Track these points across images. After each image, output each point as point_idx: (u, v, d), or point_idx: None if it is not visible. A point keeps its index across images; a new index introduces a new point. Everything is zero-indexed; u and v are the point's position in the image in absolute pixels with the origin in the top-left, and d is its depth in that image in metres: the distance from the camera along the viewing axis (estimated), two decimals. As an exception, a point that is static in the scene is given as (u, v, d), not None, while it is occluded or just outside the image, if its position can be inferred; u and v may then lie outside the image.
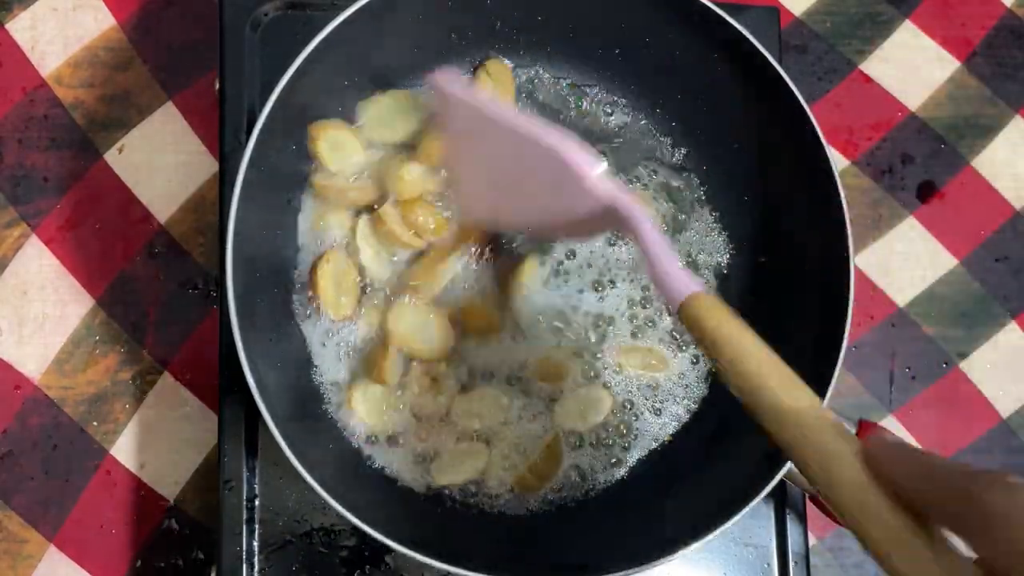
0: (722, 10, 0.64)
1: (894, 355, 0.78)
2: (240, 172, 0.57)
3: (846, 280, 0.62)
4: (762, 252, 0.71)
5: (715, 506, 0.60)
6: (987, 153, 0.82)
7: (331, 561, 0.66)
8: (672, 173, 0.72)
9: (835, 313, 0.62)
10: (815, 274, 0.66)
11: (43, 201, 0.73)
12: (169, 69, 0.75)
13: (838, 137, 0.81)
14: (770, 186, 0.70)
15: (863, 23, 0.83)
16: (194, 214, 0.74)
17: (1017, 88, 0.83)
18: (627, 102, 0.73)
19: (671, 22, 0.66)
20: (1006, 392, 0.78)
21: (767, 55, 0.64)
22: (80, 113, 0.74)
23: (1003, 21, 0.84)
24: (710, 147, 0.72)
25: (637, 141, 0.73)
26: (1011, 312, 0.79)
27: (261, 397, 0.56)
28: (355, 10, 0.60)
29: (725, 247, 0.72)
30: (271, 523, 0.66)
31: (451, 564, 0.56)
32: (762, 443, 0.63)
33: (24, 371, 0.71)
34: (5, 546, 0.69)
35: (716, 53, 0.67)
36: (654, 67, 0.70)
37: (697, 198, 0.72)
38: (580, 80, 0.72)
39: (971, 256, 0.80)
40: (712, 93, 0.70)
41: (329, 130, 0.65)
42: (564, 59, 0.72)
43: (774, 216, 0.70)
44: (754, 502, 0.59)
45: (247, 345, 0.57)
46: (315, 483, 0.56)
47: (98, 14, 0.76)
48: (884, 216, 0.80)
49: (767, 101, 0.66)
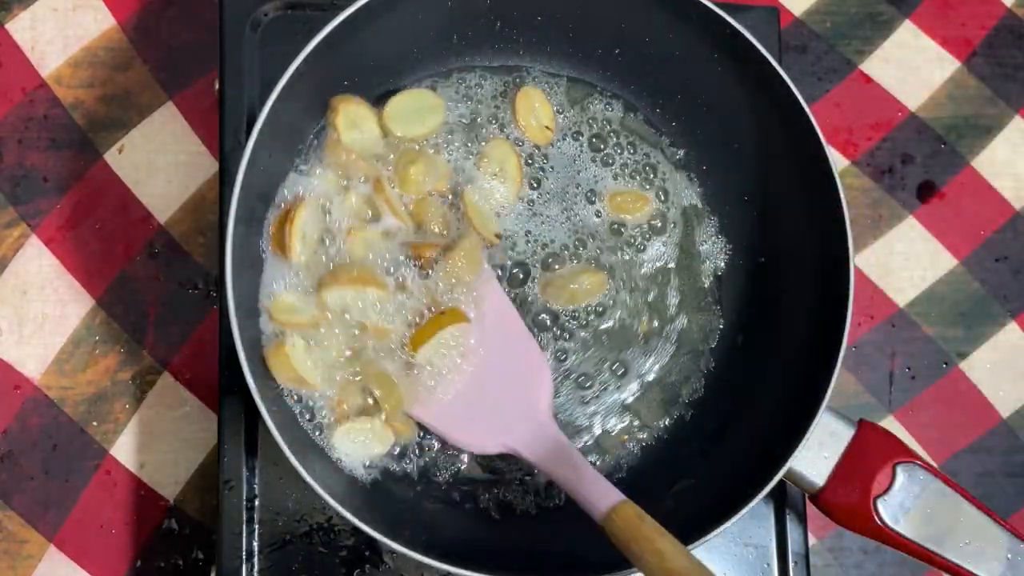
0: (722, 10, 0.64)
1: (894, 355, 0.78)
2: (240, 172, 0.57)
3: (846, 281, 0.62)
4: (761, 253, 0.71)
5: (714, 506, 0.60)
6: (987, 153, 0.82)
7: (331, 561, 0.66)
8: (671, 173, 0.72)
9: (834, 315, 0.62)
10: (814, 275, 0.66)
11: (43, 201, 0.73)
12: (169, 69, 0.75)
13: (838, 137, 0.81)
14: (770, 187, 0.70)
15: (863, 23, 0.83)
16: (194, 214, 0.74)
17: (1017, 88, 0.83)
18: (626, 102, 0.73)
19: (671, 22, 0.66)
20: (1006, 392, 0.78)
21: (767, 54, 0.64)
22: (80, 113, 0.74)
23: (1003, 21, 0.84)
24: (710, 148, 0.72)
25: (635, 142, 0.73)
26: (1011, 312, 0.79)
27: (261, 397, 0.56)
28: (355, 9, 0.60)
29: (724, 248, 0.72)
30: (271, 523, 0.66)
31: (449, 564, 0.56)
32: (762, 443, 0.64)
33: (24, 371, 0.71)
34: (5, 546, 0.69)
35: (716, 53, 0.67)
36: (654, 67, 0.70)
37: (695, 199, 0.72)
38: (579, 79, 0.72)
39: (971, 256, 0.80)
40: (712, 93, 0.70)
41: (351, 105, 0.65)
42: (563, 59, 0.72)
43: (774, 217, 0.70)
44: (753, 503, 0.59)
45: (247, 346, 0.57)
46: (314, 483, 0.56)
47: (98, 14, 0.76)
48: (884, 216, 0.80)
49: (767, 101, 0.66)
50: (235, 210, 0.56)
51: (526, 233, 0.69)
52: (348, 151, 0.64)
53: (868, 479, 0.61)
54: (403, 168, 0.65)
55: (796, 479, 0.62)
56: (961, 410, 0.78)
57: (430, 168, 0.66)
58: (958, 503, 0.61)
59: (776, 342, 0.68)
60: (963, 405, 0.78)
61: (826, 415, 0.61)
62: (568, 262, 0.69)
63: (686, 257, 0.71)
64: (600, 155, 0.72)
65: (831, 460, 0.61)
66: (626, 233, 0.71)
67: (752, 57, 0.64)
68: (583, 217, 0.70)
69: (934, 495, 0.61)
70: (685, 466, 0.68)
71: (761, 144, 0.69)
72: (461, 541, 0.64)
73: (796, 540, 0.68)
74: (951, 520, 0.60)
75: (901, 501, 0.61)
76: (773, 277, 0.70)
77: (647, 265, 0.71)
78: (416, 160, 0.65)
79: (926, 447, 0.76)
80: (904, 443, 0.62)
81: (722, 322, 0.71)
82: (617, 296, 0.70)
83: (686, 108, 0.72)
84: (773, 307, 0.69)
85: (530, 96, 0.70)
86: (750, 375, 0.69)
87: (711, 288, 0.71)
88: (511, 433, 0.63)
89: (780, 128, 0.66)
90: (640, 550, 0.54)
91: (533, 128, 0.70)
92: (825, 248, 0.64)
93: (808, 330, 0.65)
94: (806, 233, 0.67)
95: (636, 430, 0.69)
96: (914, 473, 0.61)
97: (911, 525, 0.60)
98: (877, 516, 0.60)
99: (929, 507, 0.60)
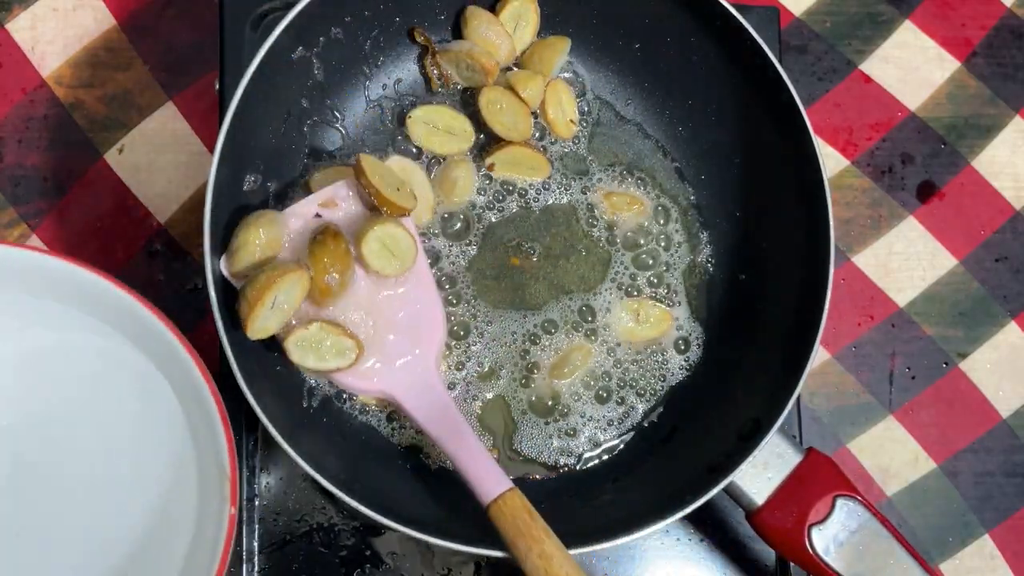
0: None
1: (894, 355, 0.78)
2: (212, 168, 0.58)
3: (820, 309, 0.62)
4: (743, 269, 0.71)
5: (650, 507, 0.60)
6: (987, 153, 0.82)
7: (331, 561, 0.66)
8: (667, 178, 0.73)
9: (803, 340, 0.62)
10: (791, 297, 0.66)
11: (43, 201, 0.73)
12: (169, 69, 0.75)
13: (838, 137, 0.81)
14: (762, 198, 0.70)
15: (863, 23, 0.83)
16: (194, 214, 0.74)
17: (1017, 88, 0.83)
18: (637, 101, 0.73)
19: (673, 14, 0.67)
20: (1006, 392, 0.78)
21: (769, 52, 0.64)
22: (80, 113, 0.74)
23: (1003, 21, 0.84)
24: (709, 158, 0.72)
25: (632, 142, 0.73)
26: (1011, 312, 0.79)
27: (253, 396, 0.56)
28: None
29: (707, 258, 0.72)
30: (271, 523, 0.66)
31: (439, 538, 0.57)
32: (709, 454, 0.64)
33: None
34: None
35: (720, 54, 0.67)
36: (660, 68, 0.71)
37: (689, 205, 0.72)
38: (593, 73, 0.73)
39: (971, 256, 0.80)
40: (714, 99, 0.70)
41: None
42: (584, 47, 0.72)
43: (760, 233, 0.70)
44: (688, 510, 0.59)
45: (234, 345, 0.57)
46: (315, 472, 0.56)
47: (98, 14, 0.76)
48: (884, 216, 0.80)
49: (769, 119, 0.66)
50: (210, 207, 0.57)
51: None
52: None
53: (807, 506, 0.61)
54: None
55: (736, 494, 0.62)
56: (961, 410, 0.78)
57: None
58: (891, 545, 0.61)
59: (742, 357, 0.68)
60: (963, 405, 0.78)
61: (777, 437, 0.61)
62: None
63: (667, 260, 0.71)
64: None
65: (774, 481, 0.61)
66: (616, 231, 0.71)
67: (755, 62, 0.65)
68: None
69: (869, 533, 0.61)
70: (630, 464, 0.68)
71: (757, 156, 0.69)
72: (448, 516, 0.63)
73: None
74: (881, 561, 0.60)
75: (835, 533, 0.61)
76: (752, 292, 0.70)
77: (626, 265, 0.71)
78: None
79: (926, 447, 0.76)
80: (848, 478, 0.62)
81: (693, 332, 0.71)
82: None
83: (688, 113, 0.72)
84: (748, 322, 0.69)
85: (558, 89, 0.71)
86: (710, 386, 0.69)
87: (688, 293, 0.71)
88: (392, 378, 0.61)
89: (777, 136, 0.66)
90: (527, 548, 0.53)
91: (560, 122, 0.71)
92: (807, 275, 0.64)
93: (776, 351, 0.65)
94: (791, 252, 0.67)
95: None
96: (853, 508, 0.61)
97: (841, 559, 0.60)
98: (809, 544, 0.60)
99: (862, 544, 0.61)
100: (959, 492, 0.76)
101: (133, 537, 0.61)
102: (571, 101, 0.71)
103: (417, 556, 0.67)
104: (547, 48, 0.70)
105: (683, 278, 0.71)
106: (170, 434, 0.62)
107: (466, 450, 0.58)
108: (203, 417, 0.56)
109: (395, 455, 0.66)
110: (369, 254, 0.60)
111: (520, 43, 0.70)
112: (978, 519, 0.75)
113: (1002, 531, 0.75)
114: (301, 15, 0.61)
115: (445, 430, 0.59)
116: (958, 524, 0.75)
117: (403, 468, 0.65)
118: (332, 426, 0.64)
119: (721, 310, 0.71)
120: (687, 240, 0.72)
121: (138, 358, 0.62)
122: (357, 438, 0.65)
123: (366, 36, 0.68)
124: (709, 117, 0.71)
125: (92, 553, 0.61)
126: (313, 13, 0.61)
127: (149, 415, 0.62)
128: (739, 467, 0.60)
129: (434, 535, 0.56)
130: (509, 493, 0.55)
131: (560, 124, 0.70)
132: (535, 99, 0.69)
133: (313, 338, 0.59)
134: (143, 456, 0.62)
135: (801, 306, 0.64)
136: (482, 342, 0.68)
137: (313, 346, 0.59)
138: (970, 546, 0.75)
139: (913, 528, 0.75)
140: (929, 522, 0.75)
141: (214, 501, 0.57)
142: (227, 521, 0.54)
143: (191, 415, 0.61)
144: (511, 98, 0.68)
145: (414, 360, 0.62)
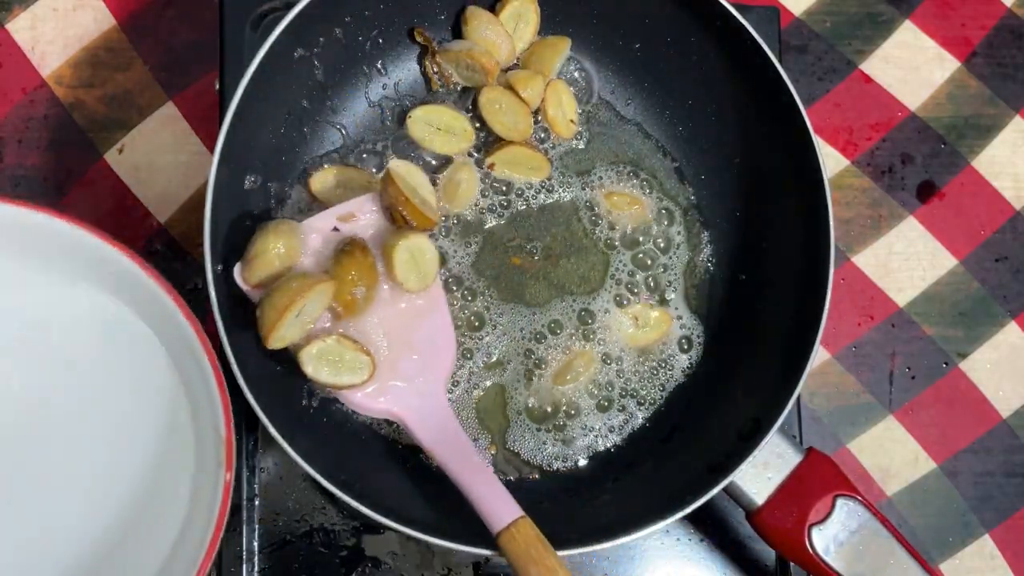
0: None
1: (894, 355, 0.78)
2: (212, 168, 0.58)
3: (820, 311, 0.62)
4: (743, 269, 0.71)
5: (649, 507, 0.60)
6: (987, 153, 0.82)
7: (331, 561, 0.66)
8: (667, 178, 0.73)
9: (802, 341, 0.62)
10: (791, 299, 0.66)
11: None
12: (169, 69, 0.75)
13: (838, 137, 0.81)
14: (762, 198, 0.70)
15: (863, 23, 0.83)
16: (194, 214, 0.74)
17: (1017, 88, 0.83)
18: (637, 101, 0.73)
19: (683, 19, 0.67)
20: (1006, 392, 0.78)
21: (769, 52, 0.64)
22: (80, 113, 0.74)
23: (1003, 21, 0.84)
24: (709, 158, 0.72)
25: (632, 142, 0.73)
26: (1011, 312, 0.79)
27: (253, 395, 0.56)
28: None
29: (707, 259, 0.72)
30: (271, 523, 0.66)
31: (439, 538, 0.57)
32: (709, 454, 0.63)
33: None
34: None
35: (720, 53, 0.67)
36: (660, 68, 0.71)
37: (689, 205, 0.72)
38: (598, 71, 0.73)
39: (971, 256, 0.80)
40: (714, 99, 0.70)
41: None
42: (584, 47, 0.72)
43: (761, 234, 0.70)
44: (688, 510, 0.59)
45: (234, 345, 0.57)
46: (315, 472, 0.56)
47: (98, 14, 0.76)
48: (884, 216, 0.80)
49: (769, 118, 0.66)
50: (210, 207, 0.57)
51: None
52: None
53: (807, 506, 0.61)
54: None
55: (736, 494, 0.62)
56: (961, 410, 0.78)
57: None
58: (891, 545, 0.61)
59: (742, 357, 0.68)
60: (963, 405, 0.78)
61: (777, 437, 0.61)
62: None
63: (667, 260, 0.71)
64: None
65: (774, 481, 0.61)
66: (616, 230, 0.71)
67: (755, 61, 0.65)
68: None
69: (869, 533, 0.61)
70: (630, 464, 0.68)
71: (757, 158, 0.69)
72: (446, 516, 0.63)
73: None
74: (881, 561, 0.60)
75: (836, 533, 0.61)
76: (752, 292, 0.70)
77: (625, 264, 0.71)
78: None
79: (926, 447, 0.76)
80: (848, 478, 0.62)
81: (694, 331, 0.71)
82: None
83: (688, 114, 0.72)
84: (748, 322, 0.69)
85: (558, 89, 0.71)
86: (710, 386, 0.69)
87: (688, 293, 0.71)
88: (401, 400, 0.61)
89: (780, 152, 0.67)
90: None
91: (560, 121, 0.71)
92: (806, 275, 0.64)
93: (776, 351, 0.65)
94: (791, 252, 0.67)
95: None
96: (853, 508, 0.61)
97: (841, 559, 0.60)
98: (809, 544, 0.61)
99: (862, 544, 0.61)
100: (959, 492, 0.76)
101: (127, 503, 0.61)
102: (571, 101, 0.71)
103: (417, 556, 0.67)
104: (547, 48, 0.70)
105: (683, 278, 0.71)
106: (166, 399, 0.61)
107: (474, 474, 0.57)
108: (200, 381, 0.56)
109: (395, 455, 0.66)
110: (399, 264, 0.59)
111: (520, 43, 0.70)
112: (978, 519, 0.75)
113: (1002, 531, 0.75)
114: (301, 15, 0.61)
115: (453, 453, 0.59)
116: (958, 524, 0.75)
117: (403, 468, 0.65)
118: (332, 426, 0.64)
119: (721, 310, 0.71)
120: (687, 240, 0.72)
121: (135, 322, 0.61)
122: (357, 438, 0.65)
123: (366, 36, 0.68)
124: (709, 117, 0.71)
125: (85, 516, 0.60)
126: (313, 13, 0.61)
127: (144, 380, 0.62)
128: (739, 467, 0.60)
129: (434, 535, 0.56)
130: (521, 521, 0.55)
131: (560, 124, 0.70)
132: (535, 99, 0.69)
133: (330, 351, 0.58)
134: (138, 420, 0.61)
135: (801, 306, 0.64)
136: (494, 334, 0.68)
137: (329, 360, 0.58)
138: (970, 546, 0.75)
139: (913, 528, 0.75)
140: (929, 522, 0.75)
141: (210, 466, 0.57)
142: (223, 486, 0.53)
143: (188, 380, 0.60)
144: (511, 98, 0.68)
145: (424, 383, 0.62)
